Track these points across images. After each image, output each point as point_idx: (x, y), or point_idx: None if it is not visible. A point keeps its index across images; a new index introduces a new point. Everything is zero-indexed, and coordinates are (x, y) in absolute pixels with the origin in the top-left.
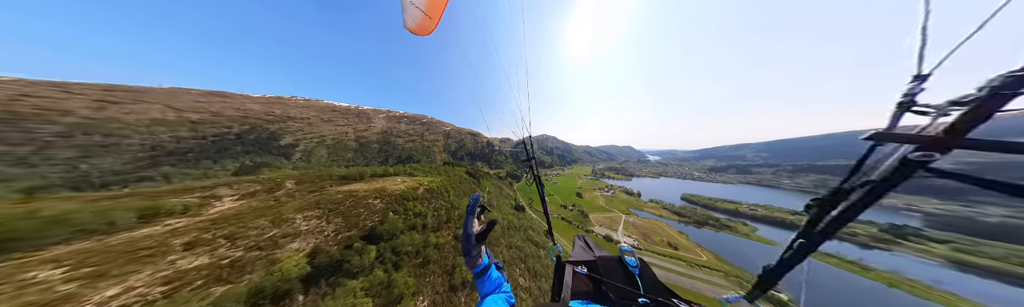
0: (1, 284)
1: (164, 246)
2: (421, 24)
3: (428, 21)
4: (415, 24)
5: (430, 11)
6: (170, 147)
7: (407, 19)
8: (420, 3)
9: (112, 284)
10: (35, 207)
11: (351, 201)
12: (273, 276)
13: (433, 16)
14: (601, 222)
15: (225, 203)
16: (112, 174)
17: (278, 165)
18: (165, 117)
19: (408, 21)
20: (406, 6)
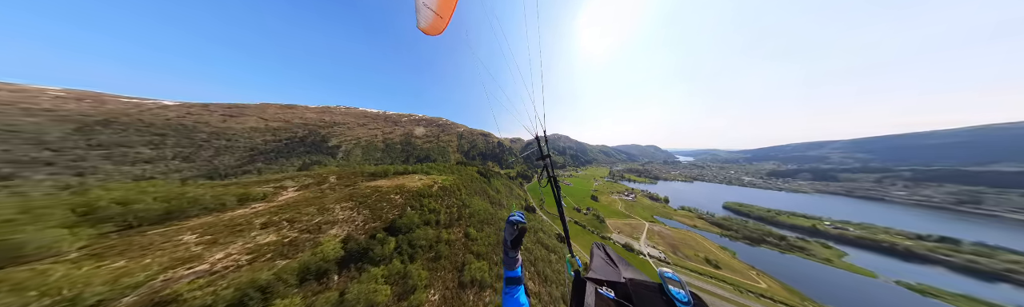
0: (165, 242)
1: (250, 224)
2: (433, 24)
3: (439, 21)
4: (427, 24)
5: (441, 11)
6: (261, 148)
7: (420, 20)
8: (431, 4)
9: (219, 250)
10: (185, 191)
11: (376, 195)
12: (316, 256)
13: (444, 15)
14: (620, 229)
15: (289, 193)
16: (230, 168)
17: (326, 163)
18: (258, 126)
19: (421, 22)
20: (419, 8)
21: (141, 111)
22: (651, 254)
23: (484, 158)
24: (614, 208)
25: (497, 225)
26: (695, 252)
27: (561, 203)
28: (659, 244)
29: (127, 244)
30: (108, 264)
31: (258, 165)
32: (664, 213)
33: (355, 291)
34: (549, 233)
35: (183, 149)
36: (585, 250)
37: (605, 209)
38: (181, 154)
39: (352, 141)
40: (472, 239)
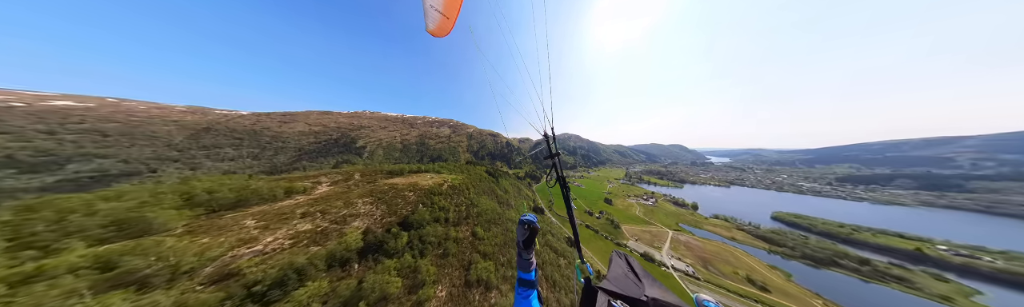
0: (234, 225)
1: (292, 213)
2: (440, 25)
3: (446, 21)
4: (435, 26)
5: (447, 11)
6: (306, 149)
7: (428, 23)
8: (437, 5)
9: (270, 234)
10: (250, 184)
11: (393, 192)
12: (341, 245)
13: (450, 16)
14: (637, 236)
15: (323, 187)
16: (283, 165)
17: (354, 161)
18: (304, 130)
19: (429, 24)
20: (427, 10)
21: (228, 120)
22: (675, 267)
23: (493, 158)
24: (631, 213)
25: (504, 225)
26: (734, 269)
27: (570, 204)
28: (685, 256)
29: (210, 225)
30: (198, 240)
31: (303, 163)
32: (692, 221)
33: (371, 281)
34: (558, 236)
35: (253, 149)
36: (598, 257)
37: (620, 214)
38: (252, 153)
39: (375, 142)
40: (479, 238)
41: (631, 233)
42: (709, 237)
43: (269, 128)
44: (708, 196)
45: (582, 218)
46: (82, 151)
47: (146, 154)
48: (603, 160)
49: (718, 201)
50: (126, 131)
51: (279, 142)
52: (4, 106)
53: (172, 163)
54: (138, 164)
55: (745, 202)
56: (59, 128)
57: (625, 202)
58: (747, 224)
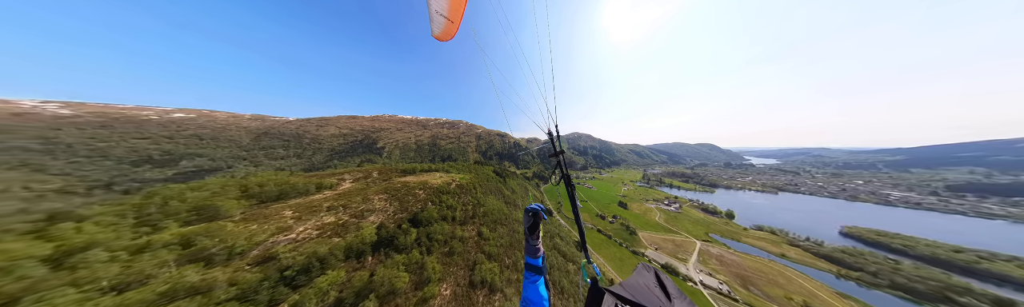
0: (275, 215)
1: (320, 207)
2: (445, 30)
3: (451, 26)
4: (441, 31)
5: (452, 16)
6: (337, 149)
7: (434, 28)
8: (443, 10)
9: (301, 224)
10: (290, 179)
11: (405, 190)
12: (357, 238)
13: (455, 20)
14: (657, 244)
15: (346, 184)
16: (319, 164)
17: (375, 161)
18: (336, 132)
19: (435, 30)
20: (433, 16)
21: (280, 125)
22: (705, 283)
23: (501, 158)
24: (649, 218)
25: (510, 226)
26: (786, 292)
27: (576, 203)
28: (718, 271)
29: (259, 214)
30: (248, 226)
31: (334, 161)
32: (726, 232)
33: (381, 274)
34: (567, 239)
35: (297, 150)
36: (610, 264)
37: (637, 219)
38: (296, 153)
39: (393, 143)
40: (485, 238)
41: (649, 241)
42: (750, 251)
43: (309, 131)
44: (748, 203)
45: (594, 222)
46: (188, 151)
47: (225, 153)
48: (617, 161)
49: (762, 210)
50: (213, 136)
51: (316, 144)
52: (145, 118)
53: (242, 161)
54: (220, 161)
55: (801, 212)
56: (176, 134)
57: (642, 206)
58: (804, 239)
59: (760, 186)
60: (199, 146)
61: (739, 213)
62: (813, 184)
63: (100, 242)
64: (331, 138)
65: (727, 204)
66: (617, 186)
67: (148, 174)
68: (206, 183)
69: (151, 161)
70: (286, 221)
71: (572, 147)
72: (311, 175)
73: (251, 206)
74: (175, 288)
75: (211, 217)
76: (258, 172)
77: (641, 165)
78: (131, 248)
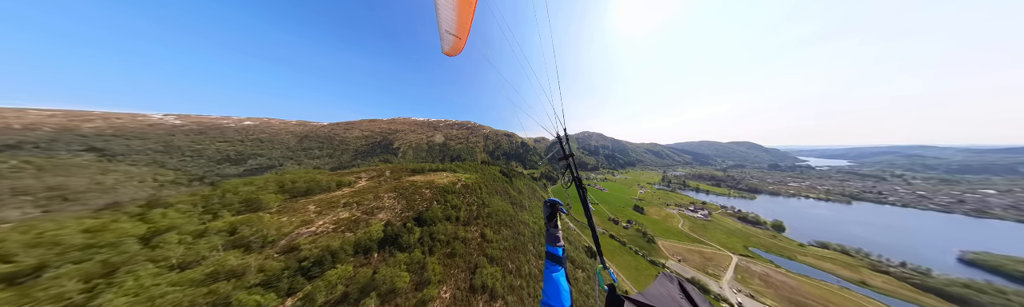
0: (301, 209)
1: (338, 203)
2: (454, 46)
3: (458, 42)
4: (450, 47)
5: (459, 33)
6: (360, 150)
7: (444, 46)
8: (452, 29)
9: (321, 218)
10: (315, 177)
11: (412, 189)
12: (366, 235)
13: (462, 36)
14: (681, 255)
15: (362, 182)
16: (345, 163)
17: (392, 160)
18: (359, 135)
19: (445, 47)
20: (443, 35)
21: (316, 129)
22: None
23: (508, 158)
24: (671, 225)
25: (515, 228)
26: None
27: (588, 206)
28: (764, 294)
29: (289, 207)
30: (280, 218)
31: (358, 161)
32: (774, 247)
33: (383, 273)
34: (577, 244)
35: (329, 150)
36: (625, 273)
37: (656, 225)
38: (328, 153)
39: (407, 144)
40: (488, 241)
41: (671, 250)
42: (809, 273)
43: (338, 134)
44: (805, 214)
45: (606, 227)
46: (253, 152)
47: (277, 154)
48: (632, 161)
49: (826, 223)
50: (270, 139)
51: (343, 145)
52: (226, 126)
53: (289, 160)
54: (274, 160)
55: (890, 229)
56: (246, 138)
57: (662, 212)
58: (897, 265)
59: (823, 194)
60: (260, 148)
61: (792, 225)
62: (909, 192)
63: (176, 226)
64: (355, 140)
65: (774, 214)
66: (632, 189)
67: (227, 170)
68: (255, 179)
69: (229, 160)
70: (309, 215)
71: (582, 147)
72: (334, 173)
73: (285, 200)
74: (218, 270)
75: (256, 208)
76: (295, 170)
77: (660, 166)
78: (194, 233)
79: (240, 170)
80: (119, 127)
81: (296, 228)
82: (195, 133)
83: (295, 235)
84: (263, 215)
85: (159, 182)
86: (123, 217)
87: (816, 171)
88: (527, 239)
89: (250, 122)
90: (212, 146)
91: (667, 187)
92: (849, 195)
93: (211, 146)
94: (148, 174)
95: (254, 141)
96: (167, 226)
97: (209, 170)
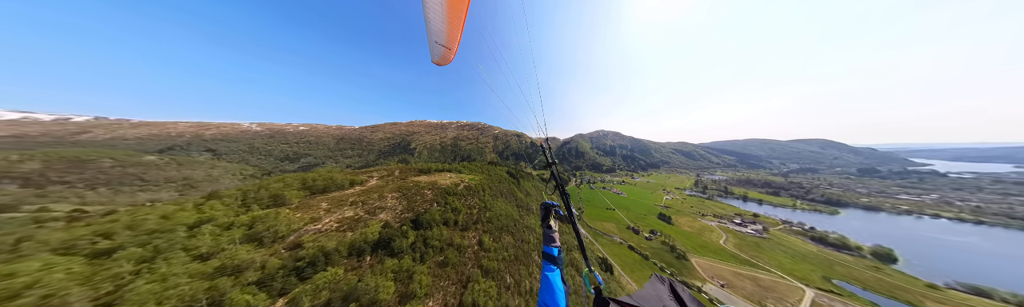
0: (315, 206)
1: (346, 201)
2: (443, 56)
3: (448, 53)
4: (439, 58)
5: (449, 44)
6: (383, 150)
7: (434, 56)
8: (441, 40)
9: (328, 216)
10: (332, 176)
11: (415, 189)
12: (362, 236)
13: (451, 47)
14: (723, 278)
15: (373, 181)
16: (370, 162)
17: (408, 160)
18: (383, 137)
19: (434, 57)
20: (433, 46)
21: (351, 132)
22: None
23: (517, 158)
24: (709, 240)
25: (519, 235)
26: None
27: (573, 211)
28: None
29: (306, 204)
30: (296, 214)
31: (381, 160)
32: (876, 283)
33: (368, 281)
34: (590, 257)
35: (359, 150)
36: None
37: (689, 239)
38: (358, 153)
39: (422, 144)
40: (486, 249)
41: (710, 271)
42: None
43: (366, 136)
44: (936, 241)
45: (624, 236)
46: (304, 152)
47: (321, 154)
48: (656, 162)
49: (975, 255)
50: (316, 141)
51: (370, 146)
52: (287, 131)
53: (329, 159)
54: (318, 159)
55: None
56: (300, 140)
57: (696, 223)
58: None
59: (967, 212)
60: (309, 148)
61: (908, 255)
62: None
63: (214, 218)
64: (379, 141)
65: (874, 236)
66: (656, 194)
67: (287, 166)
68: (286, 176)
69: (288, 158)
70: (319, 212)
71: (596, 147)
72: (351, 172)
73: (305, 197)
74: (226, 264)
75: (281, 203)
76: (330, 167)
77: (692, 169)
78: (224, 225)
79: (295, 167)
80: (225, 134)
81: (305, 225)
82: (267, 137)
83: (302, 232)
84: (281, 210)
85: (243, 175)
86: (190, 206)
87: (949, 179)
88: (531, 247)
89: (303, 127)
90: (278, 147)
91: (702, 193)
92: (1020, 217)
93: (277, 147)
94: (238, 169)
95: (305, 143)
96: (209, 217)
97: (275, 166)
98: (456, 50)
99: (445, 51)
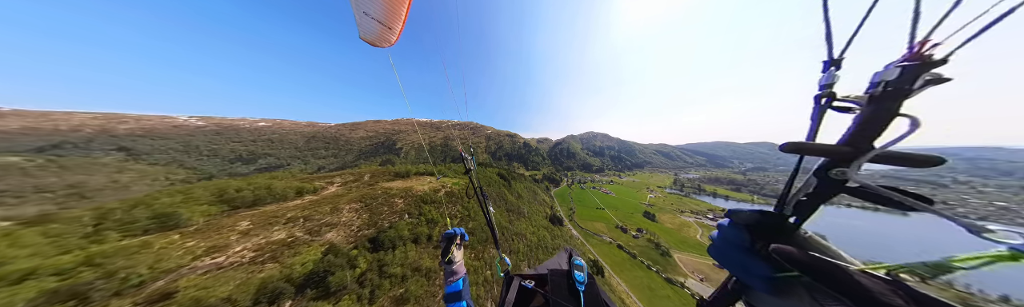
0: (228, 227)
1: (281, 217)
2: (380, 35)
3: (387, 32)
4: (372, 36)
5: (389, 22)
6: (364, 150)
7: (362, 31)
8: (376, 14)
9: (244, 241)
10: (270, 183)
11: (383, 198)
12: (285, 271)
13: (392, 26)
14: (701, 272)
15: (333, 188)
16: (348, 163)
17: (393, 161)
18: (364, 135)
19: (363, 32)
20: (359, 17)
21: (325, 129)
22: None
23: (510, 159)
24: (687, 236)
25: (505, 246)
26: None
27: (488, 209)
28: None
29: (216, 224)
30: (181, 243)
31: (360, 161)
32: None
33: None
34: (583, 257)
35: (334, 150)
36: (635, 292)
37: (671, 235)
38: (333, 153)
39: (409, 144)
40: None
41: (690, 266)
42: None
43: (343, 135)
44: (848, 227)
45: (614, 235)
46: (263, 151)
47: (286, 154)
48: (640, 163)
49: (877, 238)
50: (280, 139)
51: (348, 145)
52: (241, 127)
53: (296, 159)
54: (282, 160)
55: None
56: (258, 138)
57: (677, 219)
58: (994, 299)
59: (868, 202)
60: (271, 148)
61: (834, 240)
62: (984, 204)
63: (6, 261)
64: (360, 140)
65: (810, 225)
66: (641, 192)
67: (239, 169)
68: (193, 187)
69: (241, 159)
70: (230, 237)
71: (586, 148)
72: (302, 178)
73: (220, 213)
74: None
75: (171, 226)
76: (299, 168)
77: (671, 168)
78: (17, 275)
79: (250, 169)
80: (149, 128)
81: (192, 260)
82: (213, 134)
83: (186, 270)
84: (157, 239)
85: (170, 180)
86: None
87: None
88: (526, 250)
89: (264, 123)
90: (227, 146)
91: (680, 191)
92: None
93: (226, 146)
94: (161, 173)
95: (265, 141)
96: (10, 257)
97: (222, 169)
98: (400, 31)
99: (383, 30)
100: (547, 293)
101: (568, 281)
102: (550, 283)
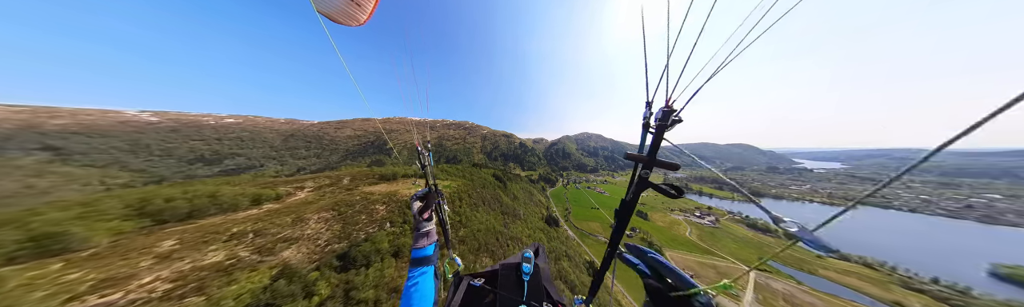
0: (142, 249)
1: (223, 233)
2: (343, 10)
3: (352, 7)
4: (332, 8)
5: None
6: (351, 150)
7: (316, 1)
8: None
9: (159, 269)
10: (216, 190)
11: (362, 205)
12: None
13: (362, 2)
14: (691, 269)
15: (302, 193)
16: (334, 164)
17: (383, 161)
18: (351, 134)
19: (319, 3)
20: None
21: (305, 128)
22: None
23: (506, 159)
24: (677, 233)
25: (501, 255)
26: None
27: (443, 208)
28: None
29: (123, 247)
30: (66, 274)
31: (347, 162)
32: (790, 259)
33: None
34: (576, 260)
35: (317, 150)
36: (631, 294)
37: (662, 233)
38: (316, 153)
39: (401, 144)
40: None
41: (682, 264)
42: (835, 291)
43: (328, 133)
44: (814, 219)
45: (608, 235)
46: (231, 151)
47: (259, 153)
48: (632, 163)
49: (837, 229)
50: (251, 138)
51: (333, 144)
52: (205, 123)
53: (271, 160)
54: (255, 160)
55: (904, 236)
56: (224, 136)
57: (667, 217)
58: (929, 282)
59: (826, 197)
60: (240, 147)
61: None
62: (912, 197)
63: None
64: (347, 139)
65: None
66: None
67: (199, 171)
68: (102, 197)
69: (203, 159)
70: (139, 264)
71: (581, 148)
72: (263, 183)
73: (138, 230)
74: None
75: (58, 250)
76: (275, 170)
77: (658, 168)
78: None
79: (214, 171)
80: (87, 124)
81: (65, 302)
82: (168, 131)
83: None
84: (27, 270)
85: (107, 185)
86: None
87: (814, 174)
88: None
89: (232, 120)
90: (185, 145)
91: None
92: (853, 199)
93: (184, 145)
94: (96, 176)
95: (234, 140)
96: None
97: (177, 171)
98: (373, 8)
99: (351, 6)
100: (494, 288)
101: (516, 273)
102: (500, 277)
